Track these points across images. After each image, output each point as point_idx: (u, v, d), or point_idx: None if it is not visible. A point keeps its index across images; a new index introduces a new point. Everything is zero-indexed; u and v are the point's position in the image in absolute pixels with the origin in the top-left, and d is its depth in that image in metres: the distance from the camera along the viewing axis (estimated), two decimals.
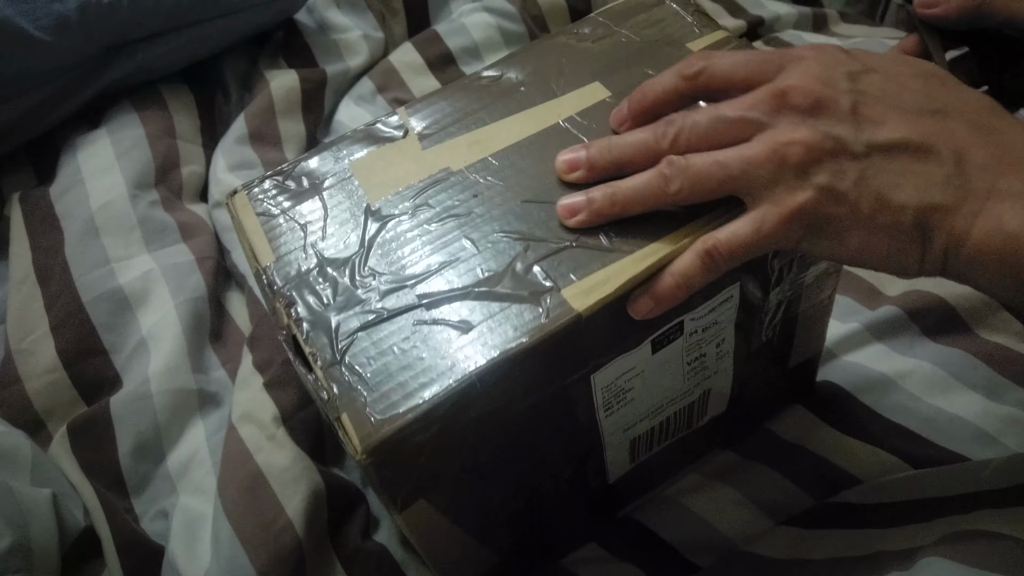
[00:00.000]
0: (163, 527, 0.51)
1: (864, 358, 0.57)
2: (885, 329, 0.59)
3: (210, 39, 0.77)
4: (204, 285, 0.62)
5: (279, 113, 0.76)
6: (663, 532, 0.50)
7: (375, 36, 0.87)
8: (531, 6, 0.90)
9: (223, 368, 0.59)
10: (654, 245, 0.35)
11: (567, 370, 0.35)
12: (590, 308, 0.33)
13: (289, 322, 0.35)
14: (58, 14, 0.68)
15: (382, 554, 0.48)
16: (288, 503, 0.47)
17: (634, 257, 0.34)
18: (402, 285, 0.35)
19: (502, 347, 0.32)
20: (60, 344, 0.58)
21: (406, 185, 0.39)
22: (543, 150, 0.39)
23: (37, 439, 0.55)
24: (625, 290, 0.34)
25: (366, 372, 0.33)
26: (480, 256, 0.35)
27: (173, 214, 0.67)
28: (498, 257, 0.35)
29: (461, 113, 0.41)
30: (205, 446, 0.54)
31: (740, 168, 0.33)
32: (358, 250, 0.37)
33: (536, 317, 0.33)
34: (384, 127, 0.42)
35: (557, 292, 0.34)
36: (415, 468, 0.33)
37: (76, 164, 0.69)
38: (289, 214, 0.39)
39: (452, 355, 0.32)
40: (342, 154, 0.41)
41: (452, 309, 0.34)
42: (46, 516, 0.48)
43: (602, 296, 0.33)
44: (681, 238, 0.35)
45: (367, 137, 0.41)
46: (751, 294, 0.40)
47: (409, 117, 0.42)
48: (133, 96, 0.75)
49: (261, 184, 0.40)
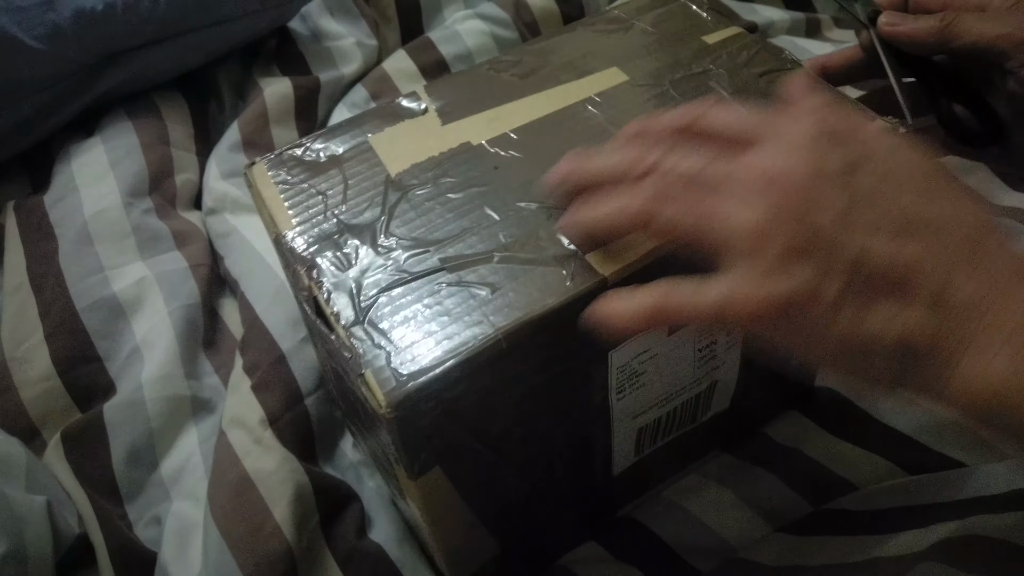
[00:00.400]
0: (156, 534, 0.51)
1: None
2: None
3: (204, 47, 0.78)
4: (198, 292, 0.62)
5: (272, 120, 0.77)
6: (663, 533, 0.51)
7: (368, 43, 0.88)
8: (524, 13, 0.91)
9: (216, 374, 0.59)
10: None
11: (587, 342, 0.35)
12: (615, 273, 0.33)
13: (310, 283, 0.35)
14: (52, 23, 0.68)
15: (378, 554, 0.49)
16: (275, 507, 0.47)
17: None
18: (424, 250, 0.35)
19: (527, 308, 0.32)
20: (54, 352, 0.58)
21: (426, 158, 0.39)
22: (563, 127, 0.39)
23: (32, 446, 0.55)
24: (651, 258, 0.34)
25: (389, 330, 0.32)
26: (502, 223, 0.36)
27: (167, 222, 0.67)
28: (521, 224, 0.35)
29: (481, 92, 0.42)
30: (198, 452, 0.55)
31: (723, 226, 0.30)
32: (379, 217, 0.37)
33: (561, 281, 0.33)
34: (404, 104, 0.42)
35: (581, 257, 0.34)
36: (435, 430, 0.33)
37: (70, 172, 0.69)
38: (308, 183, 0.39)
39: (477, 314, 0.32)
40: (361, 129, 0.41)
41: (476, 273, 0.34)
42: (41, 523, 0.48)
43: (628, 262, 0.33)
44: None
45: (387, 114, 0.42)
46: None
47: (429, 96, 0.42)
48: (127, 104, 0.75)
49: (279, 156, 0.40)
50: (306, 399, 0.54)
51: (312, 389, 0.54)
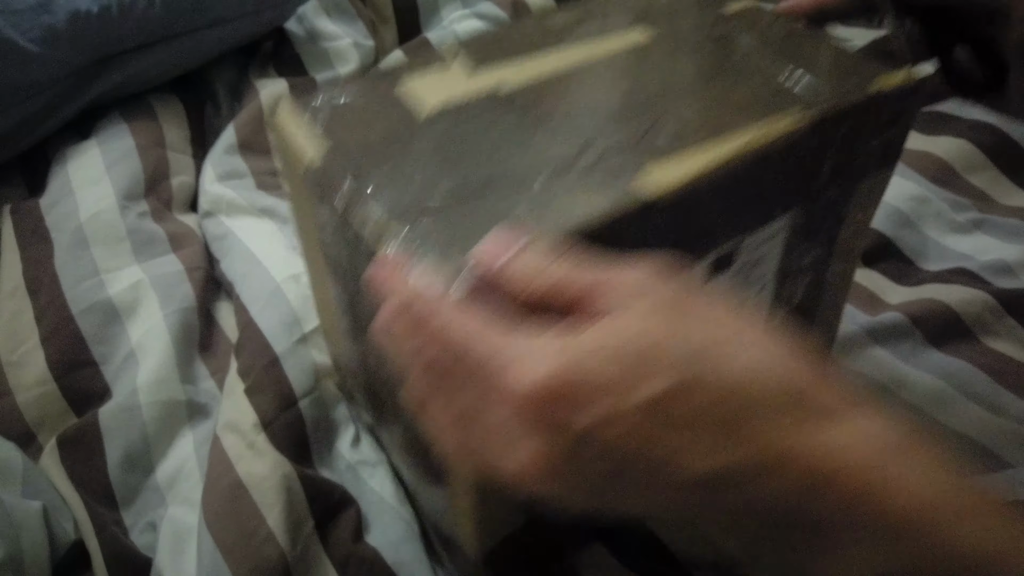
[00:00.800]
0: (152, 539, 0.51)
1: (864, 364, 0.57)
2: (887, 335, 0.59)
3: (199, 49, 0.78)
4: (193, 295, 0.62)
5: (268, 122, 0.76)
6: (671, 543, 0.51)
7: (365, 44, 0.88)
8: (522, 12, 0.90)
9: (212, 378, 0.59)
10: (719, 142, 0.36)
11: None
12: (665, 188, 0.33)
13: (337, 200, 0.35)
14: (48, 26, 0.68)
15: (375, 558, 0.49)
16: (269, 513, 0.47)
17: (704, 147, 0.35)
18: (465, 180, 0.35)
19: (585, 216, 0.32)
20: (50, 356, 0.58)
21: (457, 102, 0.39)
22: (591, 79, 0.40)
23: (28, 451, 0.55)
24: (702, 175, 0.34)
25: (433, 235, 0.32)
26: (540, 154, 0.36)
27: (163, 224, 0.67)
28: (562, 153, 0.36)
29: (510, 45, 0.43)
30: (194, 457, 0.54)
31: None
32: (412, 149, 0.37)
33: (616, 192, 0.33)
34: (432, 55, 0.43)
35: (632, 174, 0.34)
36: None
37: (66, 175, 0.69)
38: (335, 122, 0.38)
39: (528, 221, 0.32)
40: (389, 76, 0.41)
41: (521, 194, 0.34)
42: (37, 529, 0.48)
43: (679, 177, 0.34)
44: (743, 135, 0.36)
45: (415, 64, 0.42)
46: (798, 228, 0.42)
47: (460, 48, 0.43)
48: (123, 107, 0.75)
49: (304, 98, 0.40)
50: (300, 401, 0.54)
51: (306, 391, 0.54)
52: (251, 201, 0.69)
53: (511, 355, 0.25)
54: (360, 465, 0.54)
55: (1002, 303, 0.61)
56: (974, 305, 0.60)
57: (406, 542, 0.50)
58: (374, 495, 0.53)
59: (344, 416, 0.56)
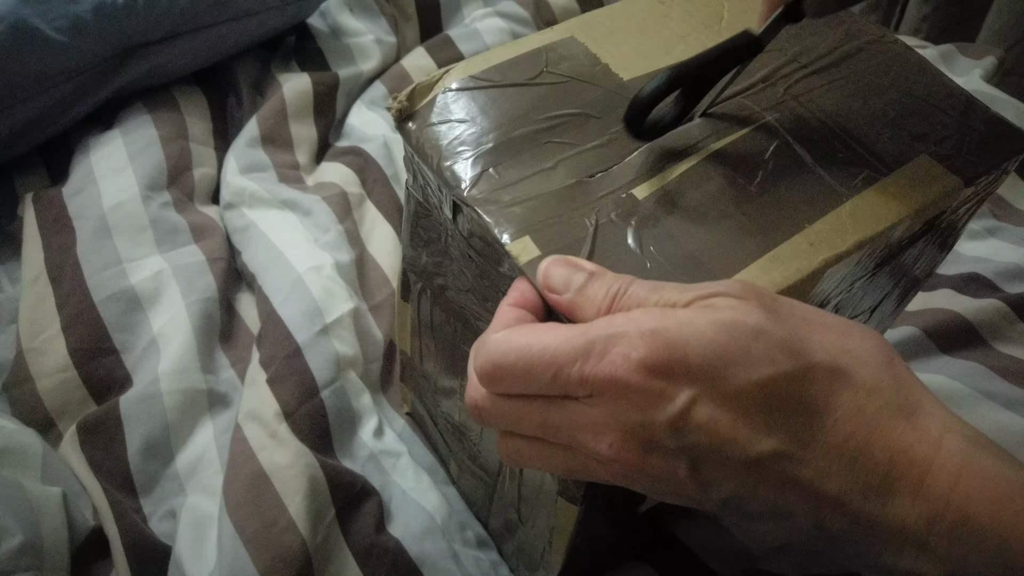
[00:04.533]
0: (171, 527, 0.51)
1: None
2: (902, 350, 0.59)
3: (223, 42, 0.78)
4: (215, 286, 0.62)
5: (291, 116, 0.76)
6: (685, 537, 0.50)
7: (388, 40, 0.88)
8: (544, 11, 0.90)
9: (232, 369, 0.59)
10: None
11: None
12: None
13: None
14: (74, 15, 0.68)
15: (397, 549, 0.48)
16: (291, 502, 0.47)
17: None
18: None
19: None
20: (71, 343, 0.58)
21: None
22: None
23: (48, 438, 0.55)
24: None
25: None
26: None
27: (185, 215, 0.67)
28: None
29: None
30: (214, 446, 0.54)
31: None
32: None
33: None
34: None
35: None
36: None
37: (89, 165, 0.69)
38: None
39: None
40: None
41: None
42: (56, 515, 0.48)
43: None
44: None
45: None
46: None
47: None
48: (146, 98, 0.75)
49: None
50: (322, 392, 0.54)
51: (328, 381, 0.54)
52: (273, 193, 0.69)
53: (603, 342, 0.26)
54: (383, 455, 0.54)
55: (1015, 309, 0.60)
56: (986, 312, 0.60)
57: (429, 534, 0.49)
58: (396, 487, 0.52)
59: (367, 406, 0.56)
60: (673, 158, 0.37)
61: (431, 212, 0.39)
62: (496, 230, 0.33)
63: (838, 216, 0.35)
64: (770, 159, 0.37)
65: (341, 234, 0.66)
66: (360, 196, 0.71)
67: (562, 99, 0.38)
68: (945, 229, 0.42)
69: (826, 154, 0.37)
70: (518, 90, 0.39)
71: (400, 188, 0.73)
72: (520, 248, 0.33)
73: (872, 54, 0.43)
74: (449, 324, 0.43)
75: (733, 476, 0.25)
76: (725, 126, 0.38)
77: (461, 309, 0.40)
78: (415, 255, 0.43)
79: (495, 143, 0.36)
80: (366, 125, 0.79)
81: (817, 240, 0.34)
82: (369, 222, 0.70)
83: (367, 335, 0.60)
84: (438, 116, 0.37)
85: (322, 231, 0.66)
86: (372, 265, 0.66)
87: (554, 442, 0.28)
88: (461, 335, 0.42)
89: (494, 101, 0.38)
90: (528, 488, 0.42)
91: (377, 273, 0.66)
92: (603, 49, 0.41)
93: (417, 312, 0.46)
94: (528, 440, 0.29)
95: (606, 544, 0.46)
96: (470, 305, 0.39)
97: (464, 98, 0.38)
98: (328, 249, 0.64)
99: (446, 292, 0.41)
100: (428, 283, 0.43)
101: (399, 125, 0.38)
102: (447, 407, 0.48)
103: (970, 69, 0.82)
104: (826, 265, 0.33)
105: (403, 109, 0.38)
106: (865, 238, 0.34)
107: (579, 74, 0.40)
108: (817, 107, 0.39)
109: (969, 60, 0.84)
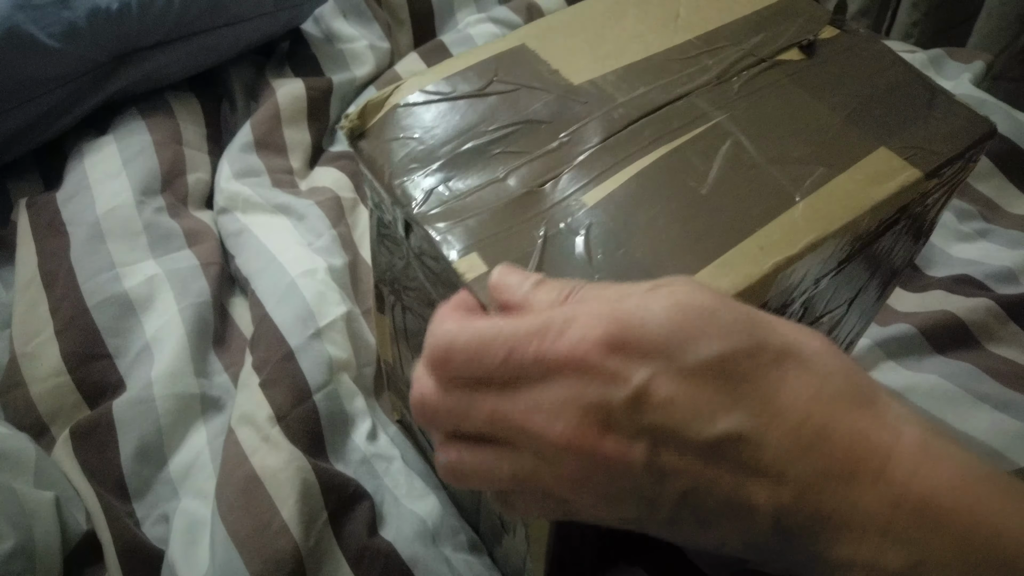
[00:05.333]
0: (164, 531, 0.51)
1: (875, 374, 0.57)
2: (896, 347, 0.59)
3: (217, 48, 0.78)
4: (208, 290, 0.62)
5: (285, 121, 0.77)
6: None
7: (381, 46, 0.88)
8: (536, 16, 0.91)
9: (226, 373, 0.59)
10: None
11: None
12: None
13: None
14: (68, 21, 0.68)
15: (389, 552, 0.48)
16: (283, 505, 0.47)
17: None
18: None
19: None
20: (64, 348, 0.58)
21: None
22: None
23: (41, 442, 0.55)
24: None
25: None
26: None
27: (178, 220, 0.67)
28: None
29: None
30: (207, 450, 0.54)
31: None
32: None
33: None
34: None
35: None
36: None
37: (83, 170, 0.69)
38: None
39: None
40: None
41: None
42: (49, 519, 0.48)
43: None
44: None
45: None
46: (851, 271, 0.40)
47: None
48: (140, 103, 0.76)
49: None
50: (314, 395, 0.54)
51: (321, 385, 0.54)
52: (267, 198, 0.69)
53: (560, 323, 0.25)
54: (376, 459, 0.54)
55: (1006, 310, 0.61)
56: (978, 312, 0.60)
57: (421, 538, 0.49)
58: (389, 491, 0.52)
59: (360, 409, 0.56)
60: (623, 161, 0.36)
61: (391, 229, 0.39)
62: (444, 248, 0.33)
63: (791, 217, 0.34)
64: (721, 160, 0.36)
65: (334, 238, 0.66)
66: (353, 201, 0.72)
67: (512, 108, 0.38)
68: (917, 219, 0.41)
69: (780, 152, 0.36)
70: (468, 102, 0.39)
71: None
72: (467, 265, 0.32)
73: (834, 45, 0.42)
74: (423, 334, 0.43)
75: (692, 464, 0.24)
76: (676, 127, 0.38)
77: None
78: (383, 270, 0.43)
79: (445, 158, 0.36)
80: None
81: (768, 244, 0.33)
82: (362, 227, 0.70)
83: (360, 339, 0.60)
84: (390, 133, 0.37)
85: (315, 235, 0.66)
86: (365, 269, 0.66)
87: (502, 440, 0.27)
88: None
89: (443, 115, 0.38)
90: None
91: (370, 277, 0.66)
92: (555, 54, 0.41)
93: (393, 323, 0.47)
94: (471, 448, 0.28)
95: (591, 550, 0.45)
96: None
97: (414, 113, 0.38)
98: (321, 253, 0.64)
99: (415, 305, 0.41)
100: (399, 297, 0.43)
101: (352, 143, 0.38)
102: None
103: (959, 73, 0.83)
104: (777, 270, 0.33)
105: (354, 128, 0.38)
106: (818, 239, 0.33)
107: (529, 81, 0.39)
108: (773, 103, 0.39)
109: (958, 64, 0.85)
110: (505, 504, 0.29)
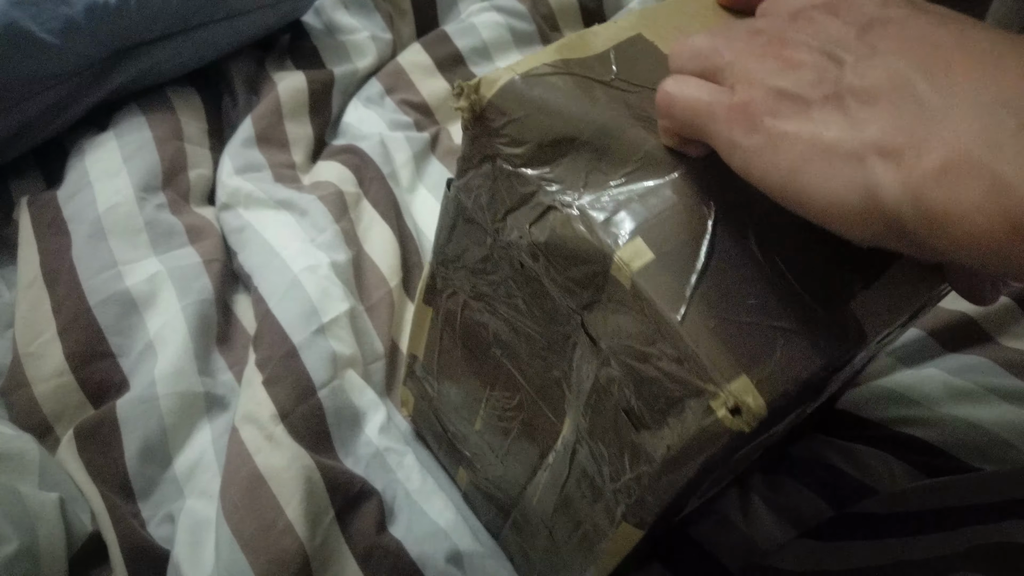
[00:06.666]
0: (170, 531, 0.51)
1: (887, 382, 0.57)
2: (907, 354, 0.58)
3: (217, 41, 0.77)
4: (211, 288, 0.61)
5: (286, 115, 0.76)
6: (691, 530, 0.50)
7: (383, 37, 0.87)
8: (541, 5, 0.90)
9: (230, 371, 0.59)
10: None
11: None
12: None
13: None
14: (66, 17, 0.68)
15: (398, 550, 0.48)
16: (288, 504, 0.46)
17: None
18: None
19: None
20: (68, 347, 0.58)
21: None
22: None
23: (45, 443, 0.55)
24: None
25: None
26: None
27: (180, 217, 0.67)
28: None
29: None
30: (211, 449, 0.54)
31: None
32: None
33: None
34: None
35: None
36: None
37: (84, 167, 0.68)
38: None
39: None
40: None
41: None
42: (53, 520, 0.48)
43: None
44: None
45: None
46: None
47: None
48: (140, 99, 0.75)
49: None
50: (319, 392, 0.53)
51: (325, 381, 0.54)
52: (269, 193, 0.68)
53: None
54: (388, 452, 0.53)
55: (1019, 303, 0.60)
56: (992, 308, 0.59)
57: (431, 537, 0.49)
58: (400, 486, 0.52)
59: (371, 402, 0.55)
60: None
61: (478, 215, 0.35)
62: (601, 235, 0.29)
63: None
64: None
65: (337, 234, 0.65)
66: (357, 195, 0.71)
67: (644, 103, 0.34)
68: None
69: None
70: (603, 86, 0.34)
71: (396, 187, 0.73)
72: (632, 252, 0.28)
73: None
74: (483, 335, 0.40)
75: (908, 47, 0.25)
76: None
77: (502, 323, 0.38)
78: (450, 259, 0.40)
79: (582, 136, 0.32)
80: (362, 123, 0.78)
81: None
82: (366, 221, 0.69)
83: (364, 335, 0.60)
84: (509, 110, 0.32)
85: (318, 231, 0.65)
86: (369, 265, 0.66)
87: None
88: (497, 346, 0.40)
89: (572, 92, 0.33)
90: (576, 512, 0.40)
91: (374, 273, 0.65)
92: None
93: (440, 317, 0.44)
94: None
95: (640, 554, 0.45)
96: (516, 321, 0.37)
97: (539, 87, 0.33)
98: (324, 249, 0.63)
99: (482, 302, 0.39)
100: (460, 289, 0.40)
101: (471, 119, 0.33)
102: (459, 425, 0.48)
103: None
104: None
105: (475, 102, 0.32)
106: None
107: (653, 82, 0.34)
108: None
109: None
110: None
